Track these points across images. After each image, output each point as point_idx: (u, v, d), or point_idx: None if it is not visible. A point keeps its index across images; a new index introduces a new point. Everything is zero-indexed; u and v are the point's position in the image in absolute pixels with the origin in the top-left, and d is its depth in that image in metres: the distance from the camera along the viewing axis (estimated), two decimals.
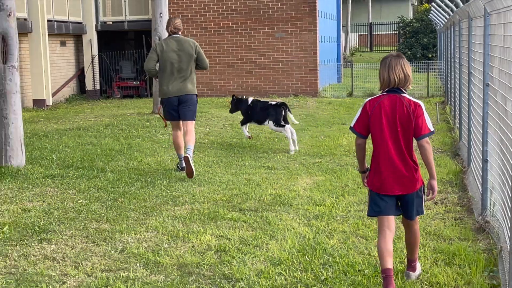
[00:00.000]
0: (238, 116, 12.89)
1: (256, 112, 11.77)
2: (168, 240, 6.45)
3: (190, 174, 9.06)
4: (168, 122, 9.94)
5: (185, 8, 22.07)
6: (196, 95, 9.62)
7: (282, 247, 6.16)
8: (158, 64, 9.53)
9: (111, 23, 23.50)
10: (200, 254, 6.04)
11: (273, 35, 21.67)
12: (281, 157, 10.83)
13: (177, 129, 9.64)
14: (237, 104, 12.17)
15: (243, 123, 12.05)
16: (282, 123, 11.46)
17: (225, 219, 7.15)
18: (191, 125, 9.52)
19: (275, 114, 11.49)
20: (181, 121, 9.55)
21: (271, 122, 11.51)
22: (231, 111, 12.47)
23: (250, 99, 12.08)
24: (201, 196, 8.16)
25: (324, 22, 23.93)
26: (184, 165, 9.27)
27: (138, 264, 5.80)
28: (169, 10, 17.83)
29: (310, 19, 21.45)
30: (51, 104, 20.30)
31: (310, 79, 21.66)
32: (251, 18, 21.76)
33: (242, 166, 10.12)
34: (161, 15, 16.62)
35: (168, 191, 8.44)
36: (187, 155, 9.04)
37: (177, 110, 9.48)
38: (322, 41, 23.12)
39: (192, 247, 6.25)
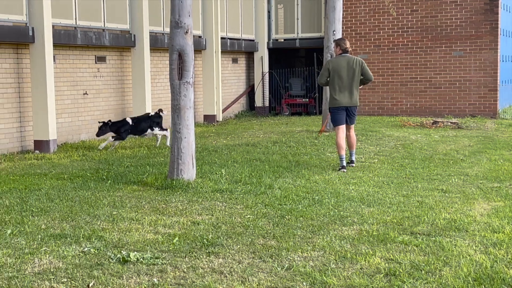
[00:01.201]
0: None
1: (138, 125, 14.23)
2: (336, 260, 6.25)
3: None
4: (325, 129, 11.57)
5: (358, 25, 21.91)
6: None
7: (456, 275, 5.77)
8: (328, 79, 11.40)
9: (282, 40, 23.77)
10: (368, 276, 5.79)
11: (451, 53, 20.98)
12: (456, 180, 10.33)
13: (343, 132, 11.36)
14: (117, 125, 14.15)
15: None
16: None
17: (395, 242, 6.84)
18: (353, 128, 11.65)
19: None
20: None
21: (156, 128, 14.43)
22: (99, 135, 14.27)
23: (129, 118, 14.37)
24: (370, 217, 7.89)
25: (505, 41, 22.87)
26: (344, 164, 11.23)
27: (304, 283, 5.65)
28: (342, 27, 17.72)
29: (491, 37, 20.60)
30: (221, 119, 20.77)
31: (489, 100, 20.75)
32: (428, 36, 21.21)
33: (414, 188, 9.74)
34: (334, 32, 16.54)
35: (336, 211, 8.24)
36: (352, 162, 11.61)
37: (345, 117, 11.37)
38: (503, 60, 22.09)
39: (360, 269, 6.01)
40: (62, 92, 15.00)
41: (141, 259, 6.18)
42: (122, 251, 6.43)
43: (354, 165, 11.64)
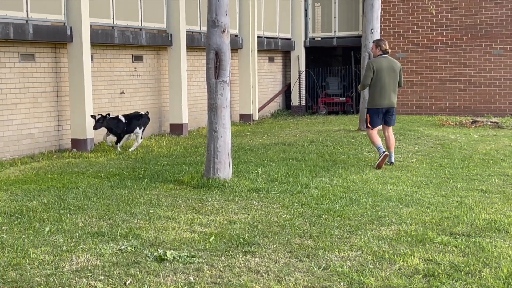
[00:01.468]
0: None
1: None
2: (373, 261, 6.18)
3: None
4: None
5: (397, 24, 21.72)
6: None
7: (496, 276, 5.66)
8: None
9: (319, 39, 23.68)
10: (407, 277, 5.71)
11: (491, 52, 20.70)
12: (496, 180, 10.16)
13: (376, 131, 11.62)
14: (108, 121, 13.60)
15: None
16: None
17: (434, 242, 6.74)
18: (391, 129, 11.80)
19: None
20: (381, 126, 11.72)
21: (142, 128, 14.17)
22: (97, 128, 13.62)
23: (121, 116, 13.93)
24: (409, 217, 7.79)
25: None
26: (383, 152, 11.30)
27: (341, 283, 5.59)
28: (380, 26, 17.59)
29: None
30: (257, 118, 20.76)
31: None
32: (467, 34, 20.96)
33: (453, 188, 9.60)
34: (372, 31, 16.42)
35: (374, 210, 8.15)
36: (391, 163, 11.53)
37: (382, 118, 11.56)
38: None
39: (399, 269, 5.93)
40: (99, 91, 15.11)
41: (178, 258, 6.18)
42: (158, 250, 6.44)
43: (393, 165, 11.57)
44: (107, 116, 13.56)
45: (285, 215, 7.92)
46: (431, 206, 8.37)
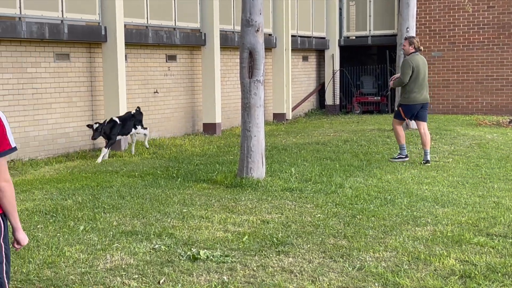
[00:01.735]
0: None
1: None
2: (409, 261, 6.10)
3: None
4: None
5: (432, 22, 21.50)
6: None
7: None
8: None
9: (354, 38, 23.55)
10: (442, 278, 5.63)
11: None
12: None
13: (402, 125, 11.96)
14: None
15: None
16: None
17: (470, 243, 6.63)
18: (426, 125, 11.85)
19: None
20: (415, 121, 12.01)
21: (139, 127, 13.51)
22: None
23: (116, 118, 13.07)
24: (445, 218, 7.68)
25: None
26: (405, 155, 11.83)
27: (376, 284, 5.53)
28: (416, 24, 17.41)
29: None
30: (290, 118, 20.71)
31: None
32: (504, 33, 20.67)
33: (490, 188, 9.45)
34: (407, 29, 16.28)
35: (409, 211, 8.06)
36: (428, 161, 11.57)
37: (415, 113, 11.72)
38: None
39: (434, 270, 5.86)
40: (133, 90, 15.18)
41: (211, 257, 6.17)
42: (192, 249, 6.43)
43: (429, 164, 11.47)
44: (105, 122, 12.91)
45: (319, 215, 7.87)
46: (467, 206, 8.25)
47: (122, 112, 13.86)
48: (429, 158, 11.63)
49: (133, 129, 13.39)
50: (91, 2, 13.72)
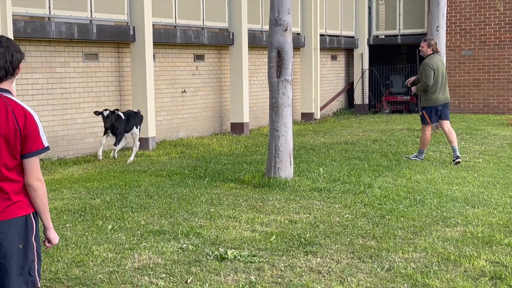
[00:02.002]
0: None
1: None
2: (438, 262, 6.03)
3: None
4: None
5: (463, 21, 21.28)
6: None
7: None
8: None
9: (383, 37, 23.40)
10: (473, 279, 5.56)
11: None
12: None
13: (430, 129, 11.92)
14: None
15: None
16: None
17: (501, 244, 6.54)
18: (449, 123, 11.88)
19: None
20: (438, 121, 11.84)
21: (139, 127, 12.86)
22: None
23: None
24: (475, 218, 7.58)
25: None
26: (422, 158, 11.87)
27: (405, 285, 5.48)
28: (446, 23, 17.24)
29: None
30: (318, 117, 20.63)
31: None
32: None
33: None
34: (437, 28, 16.15)
35: (439, 211, 7.96)
36: (458, 157, 11.48)
37: (439, 114, 11.70)
38: None
39: (464, 271, 5.78)
40: (161, 90, 15.22)
41: (239, 257, 6.15)
42: (219, 248, 6.41)
43: (460, 160, 11.51)
44: (115, 111, 12.30)
45: (347, 215, 7.81)
46: (498, 207, 8.15)
47: (150, 113, 13.89)
48: (458, 154, 11.54)
49: (134, 127, 12.72)
50: (119, 2, 13.78)
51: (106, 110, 12.23)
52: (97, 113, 12.22)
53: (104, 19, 13.47)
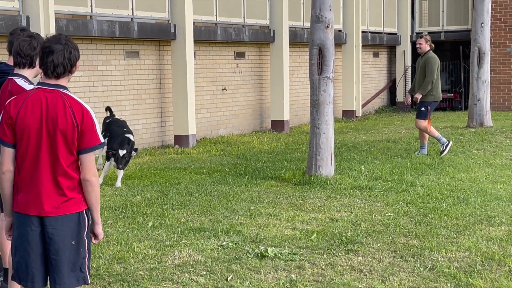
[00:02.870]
0: None
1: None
2: (482, 262, 5.93)
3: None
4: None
5: (508, 17, 20.91)
6: None
7: None
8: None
9: (426, 33, 23.12)
10: None
11: None
12: None
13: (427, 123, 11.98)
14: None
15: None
16: None
17: None
18: None
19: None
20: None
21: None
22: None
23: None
24: None
25: None
26: (447, 141, 11.96)
27: (448, 284, 5.40)
28: (490, 19, 16.96)
29: None
30: (360, 115, 20.48)
31: None
32: None
33: None
34: (482, 25, 15.90)
35: (483, 210, 7.82)
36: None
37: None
38: None
39: (509, 271, 5.69)
40: (201, 87, 15.24)
41: (279, 255, 6.12)
42: (260, 246, 6.38)
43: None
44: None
45: (389, 214, 7.72)
46: None
47: (190, 111, 13.92)
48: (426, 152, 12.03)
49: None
50: (160, 0, 13.83)
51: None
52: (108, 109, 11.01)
53: (145, 17, 13.52)
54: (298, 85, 18.64)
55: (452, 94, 22.28)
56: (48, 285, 3.99)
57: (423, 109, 11.83)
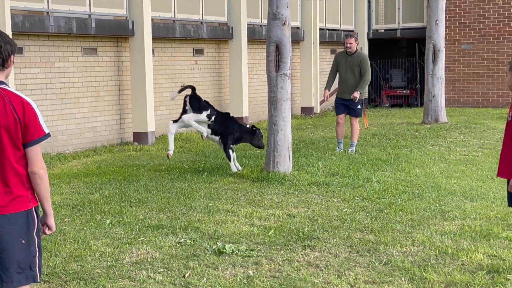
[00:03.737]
0: None
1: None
2: (436, 256, 6.04)
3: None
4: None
5: (462, 15, 21.24)
6: None
7: None
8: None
9: (383, 31, 23.37)
10: (470, 273, 5.56)
11: None
12: None
13: None
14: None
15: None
16: None
17: (499, 237, 6.55)
18: None
19: None
20: (350, 115, 12.18)
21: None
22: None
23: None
24: (473, 212, 7.59)
25: None
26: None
27: (403, 278, 5.48)
28: (445, 17, 17.22)
29: None
30: (318, 111, 20.61)
31: None
32: None
33: None
34: (436, 22, 16.13)
35: (437, 205, 7.97)
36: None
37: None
38: None
39: (462, 265, 5.79)
40: (160, 84, 15.20)
41: (237, 251, 6.15)
42: (217, 243, 6.42)
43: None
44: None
45: (345, 209, 7.81)
46: (496, 200, 8.15)
47: (149, 108, 13.87)
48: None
49: None
50: None
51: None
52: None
53: (103, 13, 13.45)
54: (257, 81, 18.70)
55: (408, 91, 22.56)
56: None
57: (359, 106, 12.02)
